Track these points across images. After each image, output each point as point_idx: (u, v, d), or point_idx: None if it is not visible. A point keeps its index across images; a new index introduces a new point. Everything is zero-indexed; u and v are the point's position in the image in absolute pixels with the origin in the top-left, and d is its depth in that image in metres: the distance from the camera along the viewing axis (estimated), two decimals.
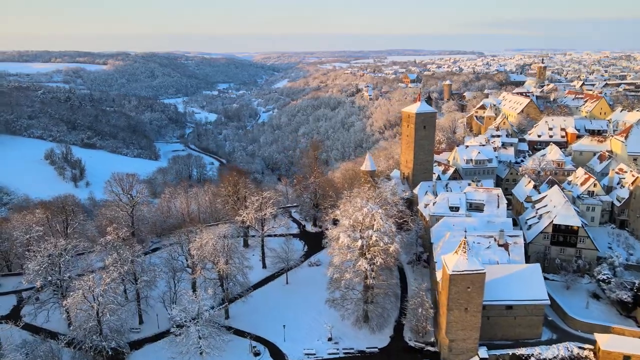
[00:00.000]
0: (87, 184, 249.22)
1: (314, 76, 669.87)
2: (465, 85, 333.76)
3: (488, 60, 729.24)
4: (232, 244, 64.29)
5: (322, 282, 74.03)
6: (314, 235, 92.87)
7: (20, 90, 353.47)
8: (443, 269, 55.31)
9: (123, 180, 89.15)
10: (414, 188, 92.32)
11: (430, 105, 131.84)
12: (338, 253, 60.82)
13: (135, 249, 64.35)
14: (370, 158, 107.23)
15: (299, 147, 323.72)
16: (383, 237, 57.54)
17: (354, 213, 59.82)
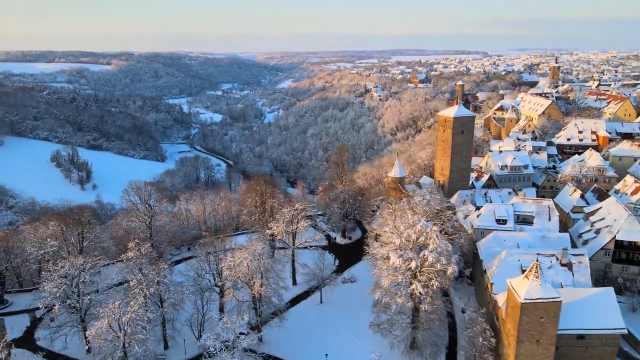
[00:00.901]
0: (94, 186, 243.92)
1: (319, 76, 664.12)
2: (477, 85, 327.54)
3: (494, 60, 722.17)
4: (268, 264, 58.43)
5: (359, 302, 68.32)
6: (345, 248, 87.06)
7: (25, 90, 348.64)
8: (509, 295, 49.45)
9: (141, 189, 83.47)
10: (451, 197, 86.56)
11: (468, 108, 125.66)
12: (387, 274, 54.97)
13: (160, 267, 58.59)
14: (400, 164, 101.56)
15: (308, 148, 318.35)
16: (440, 258, 51.69)
17: (406, 230, 53.98)
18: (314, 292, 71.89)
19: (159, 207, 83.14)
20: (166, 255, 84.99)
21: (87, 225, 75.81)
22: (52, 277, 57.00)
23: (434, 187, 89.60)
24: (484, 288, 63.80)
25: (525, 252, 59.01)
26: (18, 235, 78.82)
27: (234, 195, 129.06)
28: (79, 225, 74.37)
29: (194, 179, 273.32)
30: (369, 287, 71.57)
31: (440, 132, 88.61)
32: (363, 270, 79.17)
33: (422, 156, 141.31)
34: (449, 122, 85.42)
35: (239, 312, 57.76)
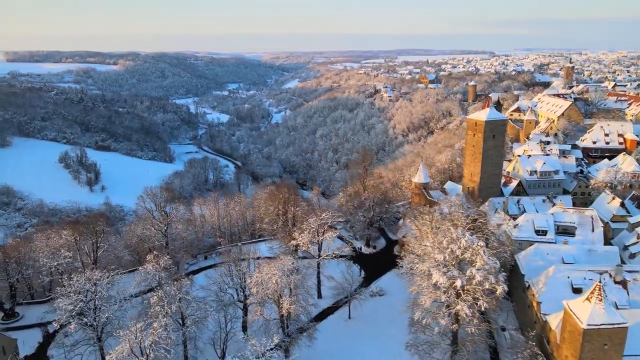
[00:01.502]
0: (102, 188, 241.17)
1: (326, 76, 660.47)
2: (490, 86, 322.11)
3: (503, 60, 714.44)
4: (298, 280, 54.40)
5: (390, 318, 64.32)
6: (370, 258, 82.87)
7: (33, 91, 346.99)
8: (567, 319, 45.11)
9: (157, 196, 79.71)
10: (481, 205, 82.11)
11: (499, 111, 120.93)
12: (428, 292, 50.79)
13: (182, 282, 54.67)
14: (424, 169, 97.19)
15: (317, 149, 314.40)
16: (488, 277, 47.46)
17: (449, 245, 49.78)
18: (341, 306, 67.84)
19: (175, 215, 79.29)
20: (182, 264, 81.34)
21: (101, 234, 72.10)
22: (66, 292, 53.31)
23: (462, 194, 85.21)
24: (526, 306, 59.44)
25: (575, 269, 54.64)
26: (29, 244, 75.22)
27: (248, 200, 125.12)
28: (93, 234, 70.69)
29: (202, 180, 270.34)
30: (399, 301, 67.64)
31: (469, 137, 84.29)
32: (391, 282, 75.15)
33: (441, 159, 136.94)
34: (479, 126, 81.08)
35: (266, 332, 53.84)
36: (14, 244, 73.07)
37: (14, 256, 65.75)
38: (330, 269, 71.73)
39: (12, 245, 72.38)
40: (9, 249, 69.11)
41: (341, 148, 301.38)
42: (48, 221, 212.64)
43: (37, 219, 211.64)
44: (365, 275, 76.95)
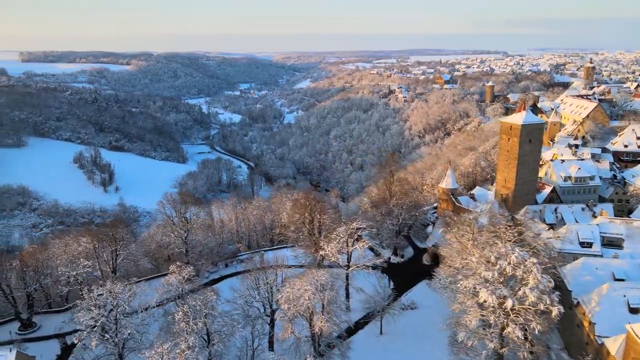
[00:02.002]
0: (116, 189, 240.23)
1: (338, 76, 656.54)
2: (507, 86, 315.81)
3: (518, 60, 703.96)
4: (333, 296, 50.92)
5: (425, 334, 60.62)
6: (399, 268, 79.05)
7: (48, 91, 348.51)
8: (631, 344, 41.04)
9: (177, 202, 76.84)
10: (516, 213, 77.86)
11: (536, 114, 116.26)
12: (472, 311, 46.99)
13: (207, 296, 51.47)
14: (452, 174, 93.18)
15: (331, 150, 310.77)
16: (542, 297, 43.56)
17: (498, 261, 45.91)
18: (371, 320, 64.21)
19: (195, 221, 76.32)
20: (203, 272, 78.38)
21: (120, 241, 69.37)
22: (87, 305, 50.50)
23: (495, 201, 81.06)
24: (574, 325, 55.26)
25: (632, 287, 50.41)
26: (47, 251, 72.76)
27: (266, 203, 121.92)
28: (113, 242, 67.97)
29: (216, 181, 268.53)
30: (433, 315, 63.84)
31: (503, 141, 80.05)
32: (423, 294, 71.43)
33: (464, 163, 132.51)
34: (515, 130, 76.90)
35: (297, 350, 50.50)
36: (31, 250, 70.63)
37: (32, 264, 63.25)
38: (359, 280, 68.15)
39: (30, 252, 69.97)
40: (27, 256, 66.66)
41: (356, 149, 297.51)
42: (63, 222, 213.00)
43: (51, 220, 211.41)
44: (394, 287, 73.17)
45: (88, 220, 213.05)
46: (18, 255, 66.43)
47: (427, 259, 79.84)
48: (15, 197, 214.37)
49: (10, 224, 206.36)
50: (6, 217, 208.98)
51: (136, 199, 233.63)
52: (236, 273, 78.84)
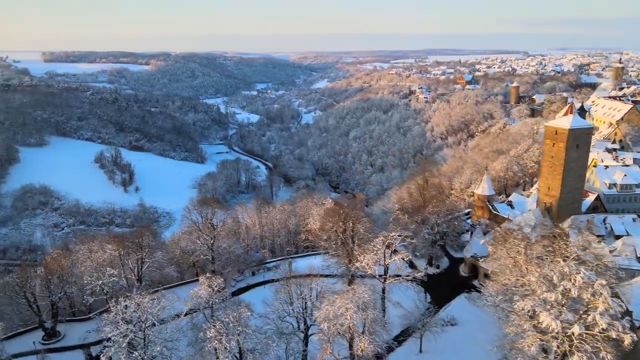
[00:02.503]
0: (136, 189, 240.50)
1: (356, 76, 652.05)
2: (532, 87, 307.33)
3: (540, 60, 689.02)
4: (376, 315, 47.23)
5: (469, 354, 56.52)
6: (435, 280, 74.84)
7: (70, 91, 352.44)
8: None
9: (204, 207, 74.06)
10: (561, 222, 73.06)
11: (584, 118, 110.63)
12: (531, 336, 42.81)
13: (241, 312, 48.30)
14: (488, 180, 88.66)
15: (351, 151, 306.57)
16: (614, 324, 39.22)
17: (561, 282, 41.63)
18: (410, 336, 60.32)
19: (222, 228, 73.40)
20: (229, 281, 75.45)
21: (146, 249, 66.82)
22: (114, 319, 47.83)
23: (537, 210, 76.26)
24: (636, 349, 50.55)
25: None
26: (71, 256, 70.66)
27: (290, 207, 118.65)
28: (139, 249, 65.45)
29: (235, 182, 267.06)
30: (476, 333, 59.82)
31: (547, 146, 75.23)
32: (463, 309, 67.16)
33: (495, 167, 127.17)
34: (561, 135, 72.08)
35: None
36: (55, 255, 68.66)
37: (56, 271, 61.08)
38: (395, 293, 64.26)
39: (54, 258, 67.97)
40: (51, 262, 64.56)
41: (376, 150, 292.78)
42: (84, 221, 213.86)
43: (73, 219, 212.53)
44: (431, 300, 69.07)
45: (108, 221, 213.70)
46: (42, 262, 64.29)
47: (465, 270, 75.55)
48: (37, 197, 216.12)
49: (33, 223, 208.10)
50: (28, 216, 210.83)
51: (156, 199, 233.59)
52: (264, 282, 75.80)
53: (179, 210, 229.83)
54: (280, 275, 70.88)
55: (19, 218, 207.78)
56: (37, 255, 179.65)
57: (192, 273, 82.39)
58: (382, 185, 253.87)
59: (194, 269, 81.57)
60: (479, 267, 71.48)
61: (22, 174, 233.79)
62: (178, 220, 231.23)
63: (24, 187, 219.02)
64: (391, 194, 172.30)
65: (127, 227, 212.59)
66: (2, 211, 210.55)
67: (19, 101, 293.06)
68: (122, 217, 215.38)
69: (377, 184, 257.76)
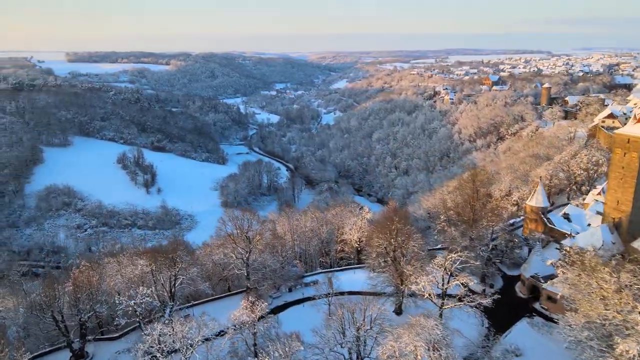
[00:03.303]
0: (158, 190, 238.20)
1: (377, 77, 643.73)
2: (565, 88, 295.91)
3: (566, 60, 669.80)
4: (450, 355, 41.22)
5: None
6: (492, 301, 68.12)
7: (93, 91, 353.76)
8: None
9: (239, 219, 68.97)
10: (632, 241, 65.84)
11: None
12: None
13: (292, 346, 42.90)
14: (543, 191, 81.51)
15: (374, 153, 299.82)
16: None
17: None
18: None
19: (259, 241, 68.21)
20: (266, 297, 70.23)
21: (180, 264, 61.99)
22: (149, 349, 42.99)
23: (605, 226, 68.98)
24: None
25: None
26: (101, 269, 66.29)
27: (321, 214, 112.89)
28: (173, 265, 60.66)
29: (257, 184, 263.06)
30: None
31: (617, 156, 68.13)
32: (525, 335, 60.42)
33: (539, 173, 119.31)
34: (635, 144, 64.92)
35: None
36: (83, 270, 64.40)
37: (85, 289, 56.69)
38: (454, 318, 57.95)
39: (82, 272, 63.68)
40: (79, 278, 60.21)
41: (400, 153, 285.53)
42: (107, 223, 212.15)
43: (95, 221, 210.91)
44: (490, 325, 62.60)
45: (131, 222, 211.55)
46: (70, 277, 60.03)
47: (523, 291, 68.76)
48: (61, 197, 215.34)
49: (56, 224, 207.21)
50: (52, 217, 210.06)
51: (177, 201, 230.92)
52: (303, 300, 70.40)
53: (201, 212, 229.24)
54: (321, 292, 65.60)
55: (42, 219, 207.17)
56: (60, 257, 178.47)
57: (223, 287, 77.60)
58: (408, 189, 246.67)
59: (226, 282, 76.71)
60: (541, 289, 64.73)
61: (46, 175, 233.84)
62: (200, 223, 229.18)
63: (48, 187, 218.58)
64: (422, 199, 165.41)
65: (150, 230, 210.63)
66: (27, 212, 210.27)
67: (43, 101, 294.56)
68: (144, 219, 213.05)
69: (402, 188, 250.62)
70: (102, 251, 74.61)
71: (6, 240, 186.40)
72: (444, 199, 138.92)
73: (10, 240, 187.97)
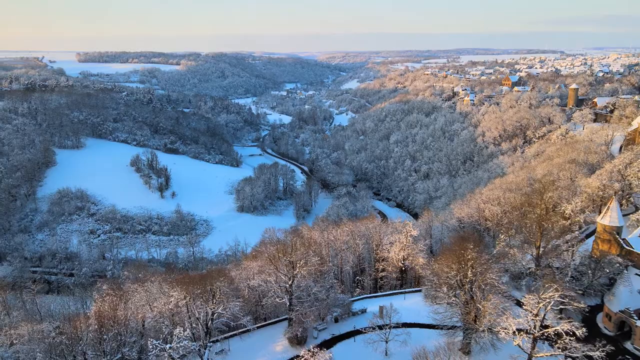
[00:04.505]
0: (172, 194, 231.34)
1: (389, 77, 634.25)
2: (594, 89, 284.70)
3: (585, 60, 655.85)
4: None
5: None
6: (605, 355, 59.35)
7: (105, 92, 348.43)
8: None
9: (281, 242, 60.79)
10: None
11: None
12: None
13: None
14: (618, 207, 72.40)
15: (393, 156, 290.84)
16: None
17: None
18: None
19: (304, 267, 60.00)
20: (310, 330, 62.11)
21: (217, 293, 53.94)
22: None
23: None
24: None
25: None
26: (127, 299, 58.36)
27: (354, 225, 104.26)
28: (212, 298, 52.65)
29: (273, 188, 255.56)
30: None
31: None
32: None
33: (591, 183, 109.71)
34: None
35: None
36: (107, 297, 56.60)
37: (111, 327, 48.90)
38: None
39: (105, 301, 55.89)
40: (103, 311, 52.36)
41: (419, 155, 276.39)
42: (120, 228, 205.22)
43: (109, 226, 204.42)
44: None
45: (145, 228, 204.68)
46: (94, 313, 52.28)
47: (610, 327, 59.88)
48: (74, 201, 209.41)
49: (69, 229, 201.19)
50: (65, 222, 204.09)
51: (192, 205, 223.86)
52: (353, 333, 62.09)
53: (216, 217, 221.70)
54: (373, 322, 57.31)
55: (55, 223, 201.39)
56: (73, 265, 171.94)
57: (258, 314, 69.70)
58: (430, 194, 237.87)
59: (262, 310, 68.74)
60: (634, 327, 55.88)
61: (59, 177, 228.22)
62: (216, 229, 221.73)
63: (60, 191, 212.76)
64: (454, 208, 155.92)
65: (164, 235, 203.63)
66: (39, 216, 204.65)
67: (56, 102, 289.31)
68: (158, 224, 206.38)
69: (424, 192, 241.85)
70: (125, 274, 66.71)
71: (18, 246, 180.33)
72: (480, 208, 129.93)
73: (22, 246, 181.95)
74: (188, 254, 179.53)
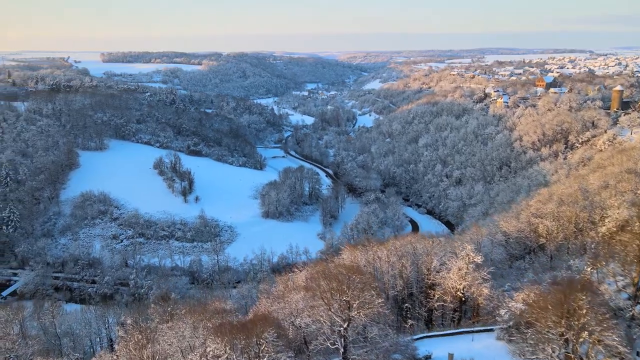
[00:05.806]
0: (196, 199, 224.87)
1: (413, 77, 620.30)
2: (638, 90, 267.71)
3: (618, 60, 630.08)
4: None
5: None
6: None
7: (129, 92, 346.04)
8: None
9: (336, 278, 51.57)
10: None
11: None
12: None
13: None
14: None
15: (422, 160, 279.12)
16: None
17: None
18: None
19: (363, 308, 50.60)
20: None
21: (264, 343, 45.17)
22: None
23: None
24: None
25: None
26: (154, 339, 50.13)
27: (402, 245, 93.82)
28: (256, 347, 43.96)
29: (298, 193, 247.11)
30: None
31: None
32: None
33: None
34: None
35: None
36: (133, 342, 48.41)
37: None
38: None
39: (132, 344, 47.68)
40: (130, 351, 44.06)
41: (451, 160, 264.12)
42: (143, 234, 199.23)
43: (132, 231, 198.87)
44: None
45: (168, 234, 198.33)
46: None
47: None
48: (97, 205, 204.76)
49: (92, 234, 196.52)
50: (88, 226, 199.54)
51: (216, 210, 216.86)
52: None
53: (241, 223, 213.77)
54: None
55: (77, 227, 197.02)
56: (96, 271, 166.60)
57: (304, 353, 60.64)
58: (464, 201, 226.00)
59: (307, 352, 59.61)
60: None
61: (82, 180, 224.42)
62: (240, 235, 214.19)
63: (83, 194, 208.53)
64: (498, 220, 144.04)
65: (188, 242, 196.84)
66: (62, 220, 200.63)
67: (80, 103, 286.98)
68: (182, 229, 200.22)
69: (457, 199, 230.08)
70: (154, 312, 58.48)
71: (40, 251, 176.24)
72: (531, 222, 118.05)
73: (45, 251, 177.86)
74: (212, 262, 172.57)
